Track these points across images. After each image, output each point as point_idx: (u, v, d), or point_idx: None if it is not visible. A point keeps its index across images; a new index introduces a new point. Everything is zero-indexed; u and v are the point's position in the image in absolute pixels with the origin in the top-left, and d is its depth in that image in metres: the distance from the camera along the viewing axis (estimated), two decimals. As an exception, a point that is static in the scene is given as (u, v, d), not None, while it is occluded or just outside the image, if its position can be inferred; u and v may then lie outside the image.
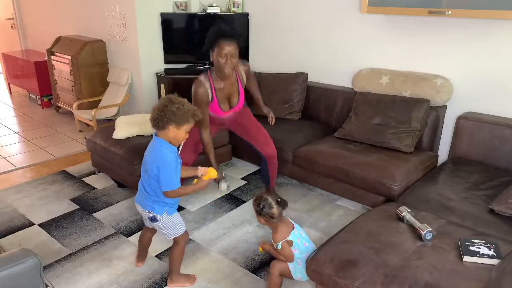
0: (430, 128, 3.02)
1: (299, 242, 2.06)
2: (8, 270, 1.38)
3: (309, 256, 1.92)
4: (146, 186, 2.01)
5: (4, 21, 6.56)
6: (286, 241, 2.02)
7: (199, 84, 2.50)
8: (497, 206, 2.16)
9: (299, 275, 2.09)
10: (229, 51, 2.37)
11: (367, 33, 3.37)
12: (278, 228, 2.05)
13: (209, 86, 2.53)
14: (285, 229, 2.05)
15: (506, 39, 2.71)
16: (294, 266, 2.08)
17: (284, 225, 2.07)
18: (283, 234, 2.03)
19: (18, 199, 3.10)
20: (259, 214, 2.03)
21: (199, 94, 2.50)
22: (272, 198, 2.02)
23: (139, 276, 2.29)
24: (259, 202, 2.01)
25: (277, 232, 2.04)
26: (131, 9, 4.04)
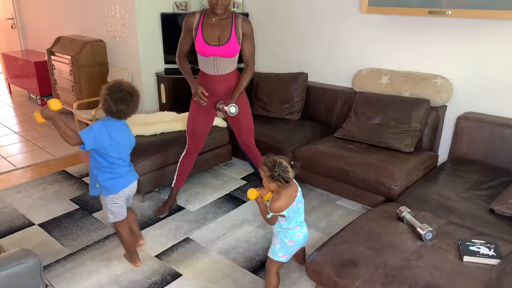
0: (430, 128, 3.02)
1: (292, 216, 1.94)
2: (8, 270, 1.38)
3: (309, 257, 1.92)
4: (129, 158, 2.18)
5: (4, 21, 6.56)
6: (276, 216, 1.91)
7: (190, 14, 2.57)
8: (497, 206, 2.16)
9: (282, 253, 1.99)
10: None
11: (367, 33, 3.37)
12: (282, 196, 1.89)
13: (199, 18, 2.54)
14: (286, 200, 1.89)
15: (506, 39, 2.71)
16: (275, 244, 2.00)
17: (288, 193, 1.90)
18: (282, 204, 1.88)
19: (18, 199, 3.10)
20: (274, 179, 1.83)
21: (185, 21, 2.56)
22: (285, 161, 1.85)
23: (139, 276, 2.29)
24: (273, 167, 1.82)
25: (278, 200, 1.88)
26: (131, 9, 4.04)
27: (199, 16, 2.54)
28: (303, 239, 2.03)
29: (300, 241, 2.01)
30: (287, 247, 1.99)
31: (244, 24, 2.57)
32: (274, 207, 1.88)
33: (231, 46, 2.55)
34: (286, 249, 1.99)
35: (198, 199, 3.11)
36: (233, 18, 2.56)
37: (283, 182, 1.83)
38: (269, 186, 1.88)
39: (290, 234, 1.97)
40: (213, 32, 2.52)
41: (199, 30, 2.53)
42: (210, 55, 2.55)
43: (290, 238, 1.97)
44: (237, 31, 2.56)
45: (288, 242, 1.98)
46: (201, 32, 2.53)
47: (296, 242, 1.99)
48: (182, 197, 3.13)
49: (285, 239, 1.98)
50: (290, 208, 1.90)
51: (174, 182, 2.90)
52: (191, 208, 2.99)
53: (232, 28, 2.55)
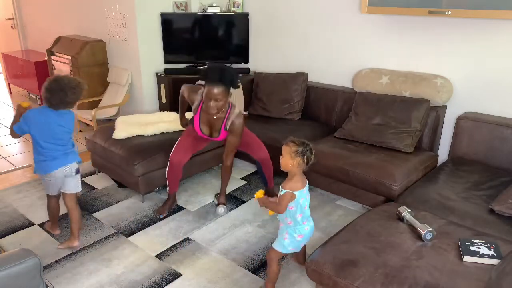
0: (430, 128, 3.02)
1: (302, 202, 1.97)
2: (8, 270, 1.38)
3: (309, 257, 1.92)
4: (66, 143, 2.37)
5: (4, 21, 6.56)
6: (291, 193, 1.93)
7: (193, 90, 2.68)
8: (497, 206, 2.16)
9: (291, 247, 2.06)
10: (215, 94, 2.40)
11: (367, 33, 3.37)
12: (296, 177, 1.96)
13: (199, 100, 2.63)
14: (299, 183, 1.96)
15: (506, 39, 2.71)
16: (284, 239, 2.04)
17: (301, 178, 1.98)
18: (296, 185, 1.95)
19: (18, 199, 3.10)
20: (299, 155, 1.91)
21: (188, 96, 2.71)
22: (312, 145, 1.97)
23: (139, 276, 2.29)
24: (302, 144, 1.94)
25: (291, 180, 1.95)
26: (131, 9, 4.04)
27: (199, 99, 2.63)
28: (310, 232, 2.07)
29: (307, 234, 2.06)
30: (296, 241, 2.04)
31: (235, 121, 2.60)
32: (287, 185, 1.95)
33: (221, 137, 2.71)
34: (296, 243, 2.05)
35: (198, 199, 3.11)
36: (228, 112, 2.60)
37: (305, 161, 1.92)
38: (287, 163, 1.96)
39: (299, 229, 2.02)
40: (207, 123, 2.67)
41: (197, 115, 2.66)
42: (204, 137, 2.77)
43: (300, 232, 2.02)
44: (226, 126, 2.64)
45: (297, 237, 2.03)
46: (198, 118, 2.66)
47: (304, 236, 2.05)
48: (182, 197, 3.13)
49: (295, 234, 2.03)
50: (302, 192, 1.95)
51: (168, 189, 2.91)
52: (191, 208, 2.99)
53: (223, 123, 2.63)
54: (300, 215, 1.99)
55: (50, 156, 2.32)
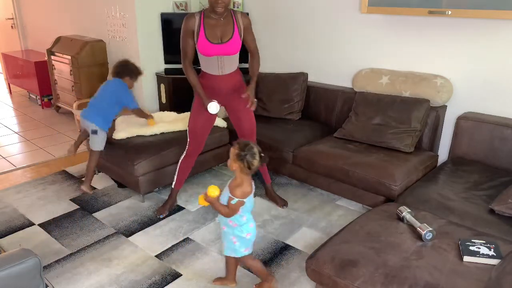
0: (430, 128, 3.02)
1: (249, 206, 1.98)
2: (8, 270, 1.38)
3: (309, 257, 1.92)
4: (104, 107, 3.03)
5: (4, 21, 6.56)
6: (242, 202, 1.92)
7: (189, 15, 2.50)
8: (497, 206, 2.16)
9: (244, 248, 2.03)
10: None
11: (367, 33, 3.37)
12: (245, 183, 1.93)
13: (199, 19, 2.49)
14: (249, 188, 1.95)
15: (506, 39, 2.71)
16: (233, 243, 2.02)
17: (248, 183, 1.95)
18: (245, 193, 1.92)
19: (18, 199, 3.10)
20: (240, 159, 1.87)
21: (185, 24, 2.49)
22: (257, 149, 1.90)
23: (139, 276, 2.29)
24: (244, 148, 1.88)
25: (242, 186, 1.91)
26: (131, 9, 4.04)
27: (198, 17, 2.50)
28: (255, 228, 2.07)
29: (254, 231, 2.06)
30: (246, 240, 2.02)
31: (243, 18, 2.58)
32: (237, 191, 1.90)
33: (234, 43, 2.55)
34: (246, 242, 2.03)
35: (198, 199, 3.10)
36: (233, 15, 2.56)
37: (246, 166, 1.87)
38: (232, 165, 1.92)
39: (245, 228, 2.01)
40: (215, 31, 2.51)
41: (201, 30, 2.49)
42: (213, 55, 2.53)
43: (247, 231, 2.01)
44: (238, 26, 2.56)
45: (246, 236, 2.02)
46: (203, 32, 2.49)
47: (252, 233, 2.04)
48: (182, 197, 3.13)
49: (242, 234, 2.01)
50: (250, 198, 1.95)
51: (174, 183, 2.90)
52: (191, 208, 2.99)
53: (234, 24, 2.55)
54: (245, 217, 1.99)
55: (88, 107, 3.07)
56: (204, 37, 2.50)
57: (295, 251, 2.51)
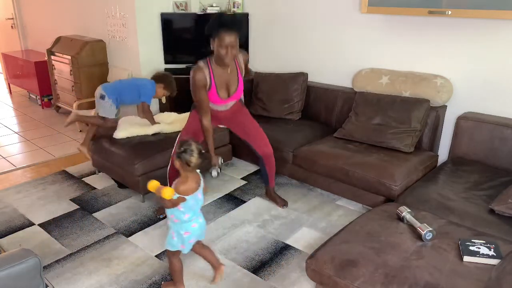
0: (430, 128, 3.02)
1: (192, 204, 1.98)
2: (8, 270, 1.38)
3: (309, 257, 1.92)
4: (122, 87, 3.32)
5: (4, 21, 6.56)
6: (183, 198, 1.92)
7: (198, 69, 2.48)
8: (497, 206, 2.16)
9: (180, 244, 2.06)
10: (230, 42, 2.36)
11: (367, 33, 3.37)
12: (189, 179, 1.95)
13: (208, 72, 2.50)
14: (193, 185, 1.96)
15: (506, 39, 2.71)
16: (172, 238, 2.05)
17: (194, 179, 1.96)
18: (188, 190, 1.93)
19: (18, 199, 3.10)
20: (177, 156, 1.91)
21: (197, 79, 2.48)
22: (196, 146, 1.92)
23: (139, 276, 2.29)
24: (183, 145, 1.92)
25: (185, 183, 1.94)
26: (131, 9, 4.04)
27: (207, 70, 2.50)
28: (199, 229, 2.07)
29: (196, 231, 2.05)
30: (183, 237, 2.03)
31: (243, 57, 2.67)
32: (179, 187, 1.92)
33: (239, 90, 2.67)
34: (183, 239, 2.04)
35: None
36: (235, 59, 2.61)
37: (184, 162, 1.90)
38: (175, 163, 1.94)
39: (186, 226, 2.02)
40: (224, 83, 2.59)
41: (213, 84, 2.53)
42: (223, 104, 2.66)
43: (186, 229, 2.02)
44: (241, 69, 2.65)
45: (183, 234, 2.03)
46: (214, 86, 2.54)
47: (192, 233, 2.04)
48: (182, 197, 3.12)
49: (181, 231, 2.02)
50: (193, 196, 1.95)
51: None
52: (191, 208, 2.99)
53: (237, 70, 2.62)
54: (187, 215, 1.99)
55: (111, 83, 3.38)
56: (215, 91, 2.56)
57: (295, 251, 2.51)
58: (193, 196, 1.95)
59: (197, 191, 1.97)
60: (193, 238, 2.07)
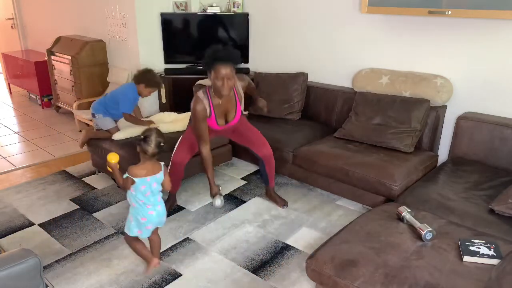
0: (430, 128, 3.02)
1: (143, 190, 2.08)
2: (8, 270, 1.38)
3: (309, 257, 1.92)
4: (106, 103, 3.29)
5: (4, 21, 6.56)
6: (131, 179, 2.05)
7: (197, 101, 2.52)
8: (497, 206, 2.16)
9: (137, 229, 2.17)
10: (225, 74, 2.39)
11: (367, 33, 3.37)
12: (143, 165, 2.09)
13: (208, 103, 2.55)
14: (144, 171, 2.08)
15: (506, 39, 2.71)
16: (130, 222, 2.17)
17: (149, 166, 2.09)
18: (140, 172, 2.06)
19: (18, 199, 3.10)
20: (137, 142, 2.09)
21: (198, 111, 2.52)
22: (156, 137, 2.06)
23: (139, 276, 2.29)
24: (145, 132, 2.09)
25: (138, 167, 2.07)
26: (131, 9, 4.04)
27: (207, 101, 2.54)
28: (157, 217, 2.16)
29: (153, 219, 2.15)
30: (140, 223, 2.14)
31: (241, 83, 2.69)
32: (131, 169, 2.07)
33: (237, 117, 2.70)
34: (140, 225, 2.14)
35: (198, 199, 3.11)
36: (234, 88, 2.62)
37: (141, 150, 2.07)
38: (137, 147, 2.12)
39: (143, 212, 2.12)
40: (222, 112, 2.64)
41: (212, 114, 2.59)
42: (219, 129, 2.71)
43: (142, 215, 2.12)
44: (239, 95, 2.66)
45: (140, 219, 2.13)
46: (214, 115, 2.60)
47: (148, 219, 2.14)
48: (182, 197, 3.13)
49: (138, 216, 2.13)
50: (144, 180, 2.06)
51: None
52: (191, 208, 2.99)
53: (236, 98, 2.64)
54: (142, 200, 2.10)
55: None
56: (215, 121, 2.62)
57: (295, 251, 2.51)
58: (143, 180, 2.06)
59: (150, 178, 2.08)
60: (150, 225, 2.17)
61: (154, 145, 2.05)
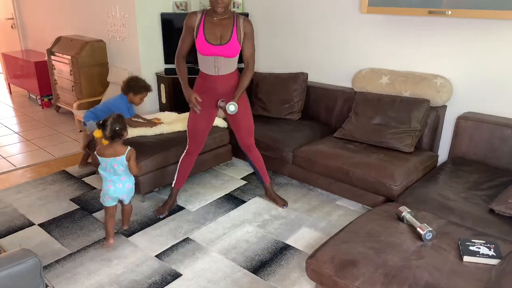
0: (430, 128, 3.02)
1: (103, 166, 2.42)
2: (8, 270, 1.38)
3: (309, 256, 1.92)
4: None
5: (4, 21, 6.56)
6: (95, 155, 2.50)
7: (191, 13, 2.56)
8: (497, 206, 2.16)
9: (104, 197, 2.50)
10: None
11: (367, 33, 3.37)
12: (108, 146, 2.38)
13: (200, 17, 2.54)
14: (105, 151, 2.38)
15: (506, 39, 2.71)
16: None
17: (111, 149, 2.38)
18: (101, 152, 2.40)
19: (18, 199, 3.10)
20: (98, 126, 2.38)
21: (186, 20, 2.55)
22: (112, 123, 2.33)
23: (139, 276, 2.29)
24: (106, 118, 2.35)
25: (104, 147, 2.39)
26: (131, 9, 4.04)
27: (200, 15, 2.54)
28: (114, 192, 2.47)
29: (110, 192, 2.47)
30: (103, 193, 2.49)
31: (245, 24, 2.57)
32: (98, 149, 2.43)
33: (232, 46, 2.54)
34: (103, 194, 2.50)
35: (198, 199, 3.11)
36: (234, 18, 2.56)
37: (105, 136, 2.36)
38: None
39: (104, 185, 2.48)
40: (215, 31, 2.53)
41: (201, 29, 2.52)
42: (211, 55, 2.54)
43: (104, 187, 2.49)
44: (238, 31, 2.55)
45: (102, 190, 2.50)
46: (202, 31, 2.52)
47: (106, 191, 2.47)
48: (182, 197, 3.13)
49: (103, 186, 2.49)
50: (103, 159, 2.40)
51: (174, 182, 2.91)
52: (191, 208, 2.99)
53: (233, 27, 2.55)
54: (104, 175, 2.45)
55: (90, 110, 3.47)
56: (203, 36, 2.52)
57: (295, 251, 2.51)
58: (103, 159, 2.40)
59: (109, 159, 2.38)
60: (107, 196, 2.48)
61: (110, 129, 2.32)
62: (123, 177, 2.47)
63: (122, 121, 2.38)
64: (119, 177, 2.46)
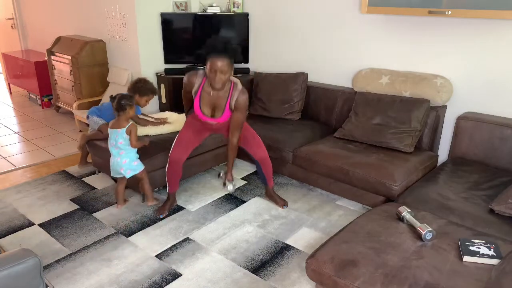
0: (430, 128, 3.02)
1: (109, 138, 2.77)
2: (8, 270, 1.38)
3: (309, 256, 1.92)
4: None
5: (4, 21, 6.56)
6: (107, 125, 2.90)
7: (193, 73, 2.65)
8: (497, 206, 2.16)
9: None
10: (220, 66, 2.43)
11: (367, 33, 3.37)
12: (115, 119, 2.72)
13: (200, 82, 2.61)
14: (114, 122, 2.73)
15: (506, 39, 2.71)
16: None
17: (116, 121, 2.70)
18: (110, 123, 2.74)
19: (18, 199, 3.10)
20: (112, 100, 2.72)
21: (187, 80, 2.66)
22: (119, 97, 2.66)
23: (139, 276, 2.29)
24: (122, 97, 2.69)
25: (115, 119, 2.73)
26: (131, 9, 4.04)
27: (200, 81, 2.61)
28: (112, 165, 2.81)
29: (113, 165, 2.81)
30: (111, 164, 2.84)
31: (239, 97, 2.62)
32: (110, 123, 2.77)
33: (224, 117, 2.70)
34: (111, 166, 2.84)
35: (198, 199, 3.11)
36: (231, 90, 2.61)
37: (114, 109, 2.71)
38: None
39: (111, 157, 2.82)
40: (210, 104, 2.66)
41: (197, 98, 2.64)
42: (204, 120, 2.74)
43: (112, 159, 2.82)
44: (231, 103, 2.64)
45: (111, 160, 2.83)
46: (198, 101, 2.65)
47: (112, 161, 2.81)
48: (182, 197, 3.13)
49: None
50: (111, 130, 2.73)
51: (168, 188, 2.91)
52: (191, 208, 2.99)
53: (227, 100, 2.63)
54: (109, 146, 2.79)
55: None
56: (198, 106, 2.67)
57: (295, 251, 2.51)
58: (110, 131, 2.72)
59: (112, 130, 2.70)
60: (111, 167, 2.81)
61: (117, 101, 2.64)
62: (122, 152, 2.76)
63: (130, 99, 2.70)
64: (119, 151, 2.76)
